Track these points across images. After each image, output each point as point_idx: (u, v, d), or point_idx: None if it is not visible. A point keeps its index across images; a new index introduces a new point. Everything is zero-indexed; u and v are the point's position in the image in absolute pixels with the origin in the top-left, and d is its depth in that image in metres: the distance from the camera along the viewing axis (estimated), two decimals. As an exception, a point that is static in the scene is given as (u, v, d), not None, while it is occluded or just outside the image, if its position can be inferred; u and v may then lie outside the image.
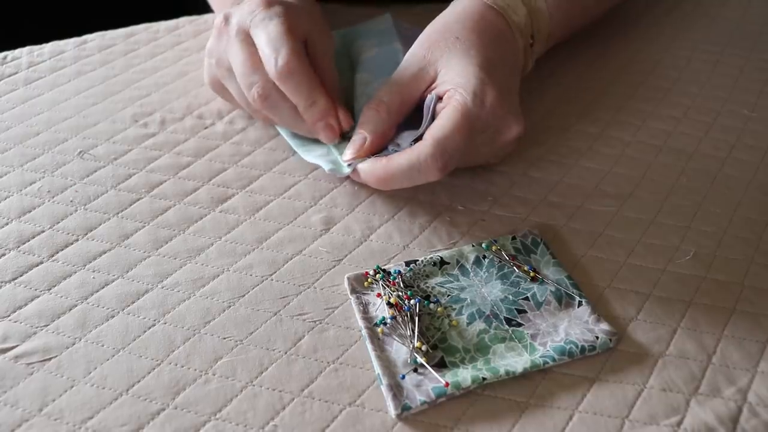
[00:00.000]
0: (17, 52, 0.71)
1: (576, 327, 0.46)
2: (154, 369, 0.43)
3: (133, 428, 0.40)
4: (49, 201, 0.54)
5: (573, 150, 0.61)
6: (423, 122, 0.53)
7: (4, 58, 0.70)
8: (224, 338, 0.45)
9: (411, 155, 0.49)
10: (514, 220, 0.54)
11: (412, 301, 0.46)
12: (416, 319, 0.45)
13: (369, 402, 0.42)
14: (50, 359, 0.44)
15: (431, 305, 0.47)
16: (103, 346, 0.45)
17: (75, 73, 0.68)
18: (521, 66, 0.59)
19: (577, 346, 0.44)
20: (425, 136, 0.50)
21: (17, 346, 0.44)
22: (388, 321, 0.45)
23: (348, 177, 0.55)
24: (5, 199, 0.54)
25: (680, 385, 0.44)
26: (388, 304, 0.46)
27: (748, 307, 0.48)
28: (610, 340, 0.45)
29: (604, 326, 0.46)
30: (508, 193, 0.56)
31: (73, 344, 0.45)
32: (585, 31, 0.74)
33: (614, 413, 0.42)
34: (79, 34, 0.73)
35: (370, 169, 0.51)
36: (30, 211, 0.53)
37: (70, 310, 0.47)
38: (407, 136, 0.53)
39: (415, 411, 0.41)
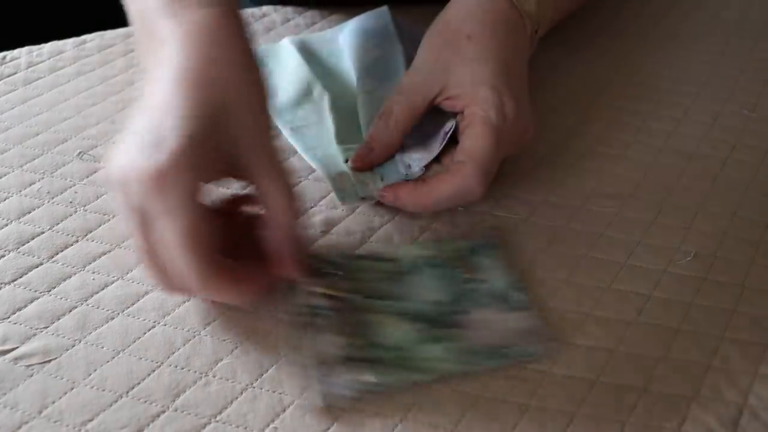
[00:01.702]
0: (16, 52, 0.70)
1: (516, 331, 0.45)
2: (154, 371, 0.43)
3: (133, 430, 0.40)
4: (48, 202, 0.54)
5: (573, 150, 0.61)
6: (437, 145, 0.52)
7: (3, 58, 0.69)
8: (224, 340, 0.45)
9: (455, 180, 0.49)
10: (514, 221, 0.54)
11: (350, 295, 0.46)
12: (353, 313, 0.45)
13: (370, 404, 0.42)
14: (50, 361, 0.44)
15: (369, 301, 0.46)
16: (103, 347, 0.45)
17: (74, 73, 0.68)
18: (529, 55, 0.58)
19: (515, 350, 0.44)
20: (460, 157, 0.49)
21: (17, 347, 0.44)
22: (324, 313, 0.45)
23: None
24: (5, 200, 0.54)
25: (681, 388, 0.43)
26: (325, 295, 0.46)
27: (749, 309, 0.48)
28: (549, 345, 0.45)
29: (545, 331, 0.45)
30: (508, 193, 0.56)
31: (73, 346, 0.44)
32: (585, 31, 0.74)
33: (614, 416, 0.42)
34: (78, 34, 0.73)
35: (412, 196, 0.51)
36: (29, 212, 0.53)
37: (70, 311, 0.47)
38: (418, 158, 0.53)
39: (342, 405, 0.41)
